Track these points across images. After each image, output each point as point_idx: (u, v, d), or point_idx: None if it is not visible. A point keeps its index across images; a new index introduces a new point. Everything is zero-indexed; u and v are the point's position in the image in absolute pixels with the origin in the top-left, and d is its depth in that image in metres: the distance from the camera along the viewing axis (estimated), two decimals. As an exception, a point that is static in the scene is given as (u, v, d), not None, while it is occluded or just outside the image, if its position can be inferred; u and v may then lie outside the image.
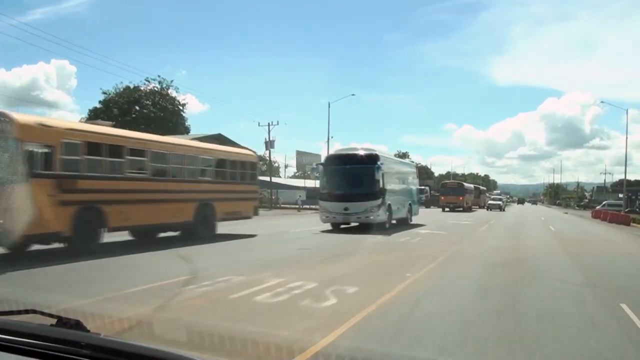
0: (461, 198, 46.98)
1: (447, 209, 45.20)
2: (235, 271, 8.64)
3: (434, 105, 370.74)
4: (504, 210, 51.93)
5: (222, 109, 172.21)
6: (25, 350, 1.56)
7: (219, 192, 13.92)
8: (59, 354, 1.54)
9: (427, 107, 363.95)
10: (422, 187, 65.55)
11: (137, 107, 62.89)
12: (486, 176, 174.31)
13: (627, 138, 44.30)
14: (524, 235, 19.25)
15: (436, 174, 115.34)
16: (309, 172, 52.29)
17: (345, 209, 17.26)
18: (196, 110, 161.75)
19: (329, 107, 45.56)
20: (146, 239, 13.01)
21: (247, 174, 15.79)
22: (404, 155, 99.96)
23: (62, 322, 1.67)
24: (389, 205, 18.51)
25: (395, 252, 12.21)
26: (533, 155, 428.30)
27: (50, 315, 1.71)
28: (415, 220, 22.97)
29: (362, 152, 18.42)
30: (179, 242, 12.56)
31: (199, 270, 8.87)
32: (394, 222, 20.02)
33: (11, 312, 1.88)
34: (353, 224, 18.57)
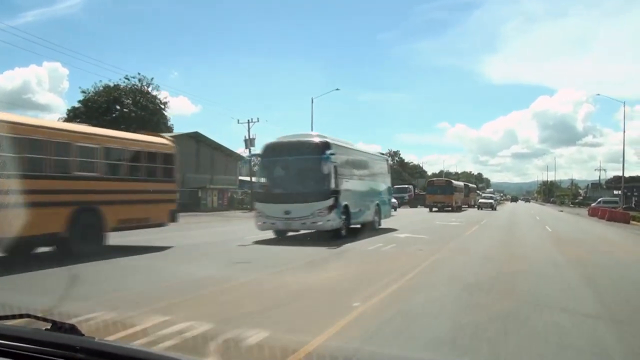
0: (450, 197, 43.11)
1: (435, 209, 41.86)
2: (109, 304, 6.08)
3: (427, 104, 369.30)
4: (495, 209, 49.00)
5: (214, 110, 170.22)
6: (21, 354, 1.55)
7: (109, 193, 10.40)
8: (54, 358, 1.52)
9: (421, 106, 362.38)
10: (406, 186, 62.43)
11: (117, 107, 60.26)
12: (479, 174, 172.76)
13: (624, 132, 41.75)
14: (517, 239, 16.72)
15: (429, 173, 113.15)
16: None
17: (287, 212, 13.59)
18: (189, 111, 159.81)
19: (312, 102, 43.09)
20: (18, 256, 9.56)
21: (159, 169, 12.13)
22: (394, 154, 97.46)
23: (57, 326, 1.67)
24: (346, 206, 14.76)
25: (351, 268, 9.54)
26: (526, 153, 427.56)
27: (45, 320, 1.70)
28: (389, 223, 20.09)
29: (307, 140, 14.68)
30: (58, 260, 9.30)
31: (61, 302, 6.29)
32: (358, 226, 16.67)
33: (5, 317, 1.83)
34: (304, 231, 15.12)
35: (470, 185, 65.46)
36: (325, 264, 9.97)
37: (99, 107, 58.15)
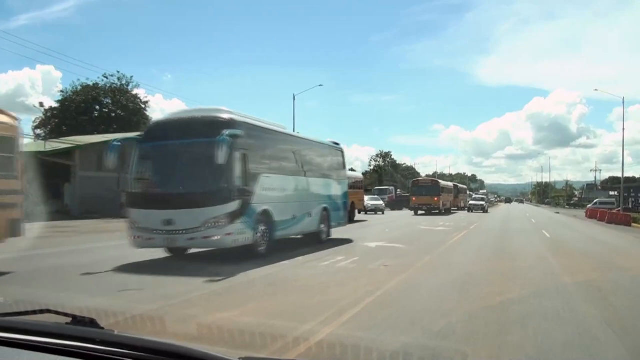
0: (436, 198, 37.63)
1: (421, 212, 37.12)
2: None
3: (421, 106, 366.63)
4: (487, 211, 45.04)
5: None
6: (43, 348, 1.54)
7: None
8: (75, 350, 1.52)
9: (415, 108, 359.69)
10: (385, 187, 58.30)
11: (97, 107, 57.55)
12: (473, 176, 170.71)
13: (623, 130, 38.66)
14: (510, 249, 13.87)
15: (423, 174, 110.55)
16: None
17: (167, 222, 9.16)
18: None
19: (294, 99, 40.46)
20: None
21: None
22: (386, 156, 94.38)
23: (77, 320, 1.68)
24: (265, 212, 10.42)
25: (270, 300, 6.55)
26: (520, 154, 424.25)
27: (65, 315, 1.72)
28: (359, 230, 17.26)
29: (199, 115, 10.13)
30: None
31: None
32: (299, 237, 13.16)
33: (27, 313, 1.86)
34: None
35: (460, 185, 60.80)
36: (231, 295, 6.80)
37: (76, 107, 55.37)
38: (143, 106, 59.55)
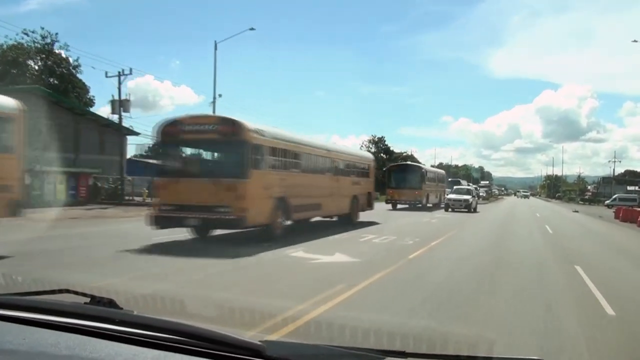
0: (205, 189, 10.58)
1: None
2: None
3: (431, 98, 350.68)
4: (475, 210, 29.51)
5: (219, 99, 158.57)
6: (61, 327, 1.44)
7: None
8: (94, 330, 1.42)
9: (424, 100, 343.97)
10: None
11: (22, 71, 46.02)
12: (480, 167, 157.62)
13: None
14: None
15: (428, 165, 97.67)
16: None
17: None
18: (191, 101, 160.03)
19: (216, 48, 28.44)
20: None
21: None
22: (378, 141, 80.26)
23: (96, 300, 1.62)
24: None
25: None
26: (529, 147, 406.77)
27: (84, 294, 1.66)
28: None
29: None
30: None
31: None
32: None
33: (45, 292, 1.80)
34: None
35: (433, 169, 39.19)
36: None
37: (-6, 71, 43.92)
38: (74, 71, 47.74)
